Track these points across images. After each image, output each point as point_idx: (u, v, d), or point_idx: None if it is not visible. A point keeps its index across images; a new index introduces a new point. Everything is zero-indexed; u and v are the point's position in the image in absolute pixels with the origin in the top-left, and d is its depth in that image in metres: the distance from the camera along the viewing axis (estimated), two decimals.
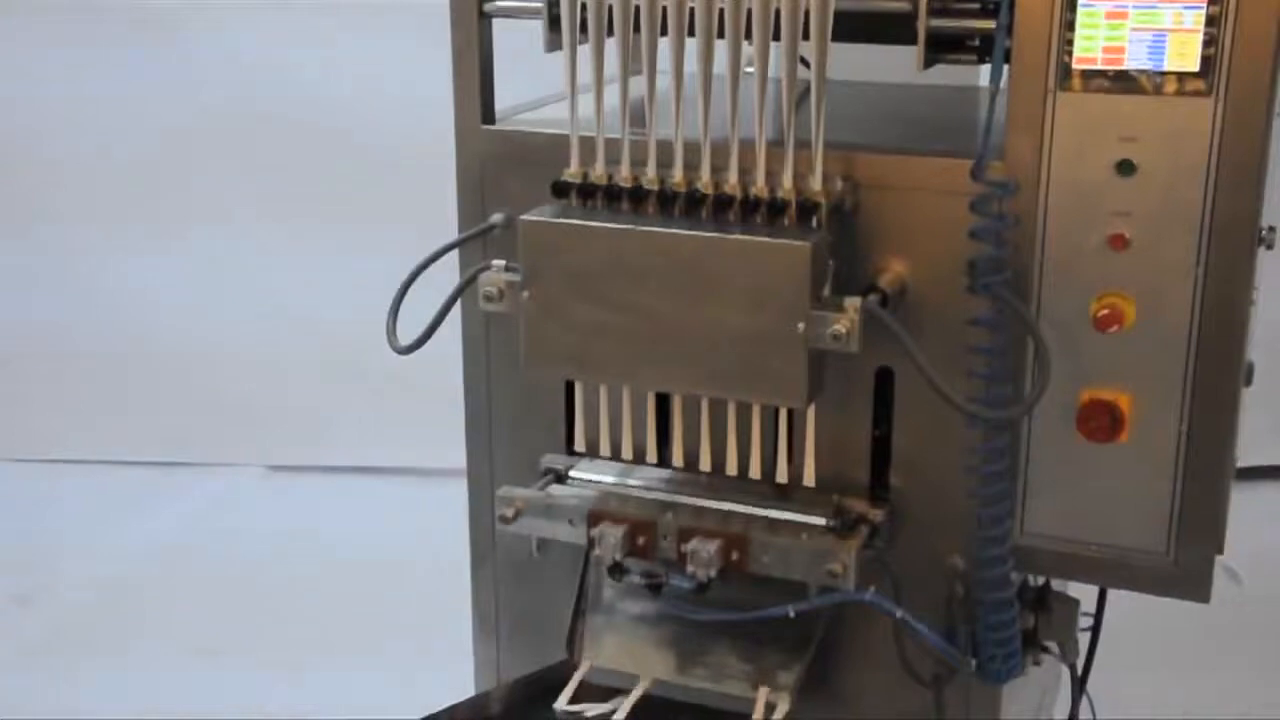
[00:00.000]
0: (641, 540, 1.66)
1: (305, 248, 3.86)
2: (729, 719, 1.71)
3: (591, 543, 1.68)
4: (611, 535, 1.65)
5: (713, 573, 1.61)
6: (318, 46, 3.73)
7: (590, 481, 1.77)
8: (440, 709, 1.69)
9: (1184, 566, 1.58)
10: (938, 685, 1.70)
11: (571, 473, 1.78)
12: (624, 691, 1.74)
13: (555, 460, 1.80)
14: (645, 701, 1.72)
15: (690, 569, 1.62)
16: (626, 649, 1.78)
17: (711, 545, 1.61)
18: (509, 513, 1.72)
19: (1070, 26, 1.48)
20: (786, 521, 1.65)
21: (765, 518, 1.66)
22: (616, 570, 1.68)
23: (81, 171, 3.90)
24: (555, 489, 1.76)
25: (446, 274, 1.78)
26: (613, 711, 1.70)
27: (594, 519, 1.68)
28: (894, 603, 1.60)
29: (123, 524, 3.61)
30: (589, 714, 1.71)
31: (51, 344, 4.03)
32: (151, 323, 4.01)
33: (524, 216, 1.61)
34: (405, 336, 1.72)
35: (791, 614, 1.62)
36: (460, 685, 1.93)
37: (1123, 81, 1.47)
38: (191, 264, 3.95)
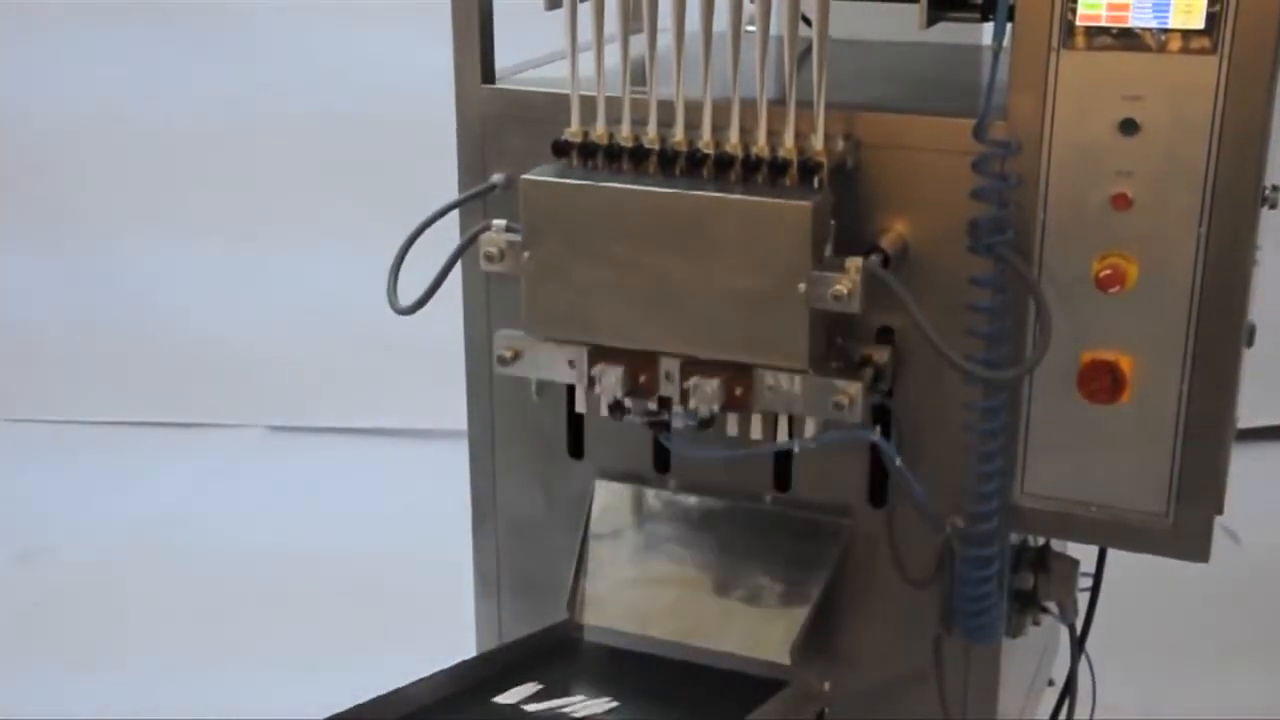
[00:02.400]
0: (643, 378, 1.62)
1: (306, 210, 3.85)
2: (729, 679, 1.72)
3: (591, 381, 1.64)
4: (612, 373, 1.61)
5: (715, 408, 1.57)
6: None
7: None
8: (436, 670, 1.70)
9: (1183, 527, 1.58)
10: (937, 647, 1.71)
11: None
12: (625, 652, 1.74)
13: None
14: (645, 661, 1.73)
15: (693, 404, 1.58)
16: (627, 609, 1.78)
17: (714, 380, 1.57)
18: (507, 354, 1.68)
19: None
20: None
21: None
22: (616, 409, 1.63)
23: (101, 162, 3.92)
24: None
25: (449, 235, 1.78)
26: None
27: (594, 358, 1.64)
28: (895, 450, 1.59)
29: (125, 484, 3.62)
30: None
31: (53, 305, 4.03)
32: (153, 284, 4.00)
33: (525, 176, 1.60)
34: (406, 297, 1.71)
35: (796, 449, 1.60)
36: (461, 645, 1.94)
37: (1127, 39, 1.46)
38: (194, 229, 3.95)
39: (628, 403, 1.63)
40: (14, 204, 3.99)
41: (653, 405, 1.64)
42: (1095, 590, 2.01)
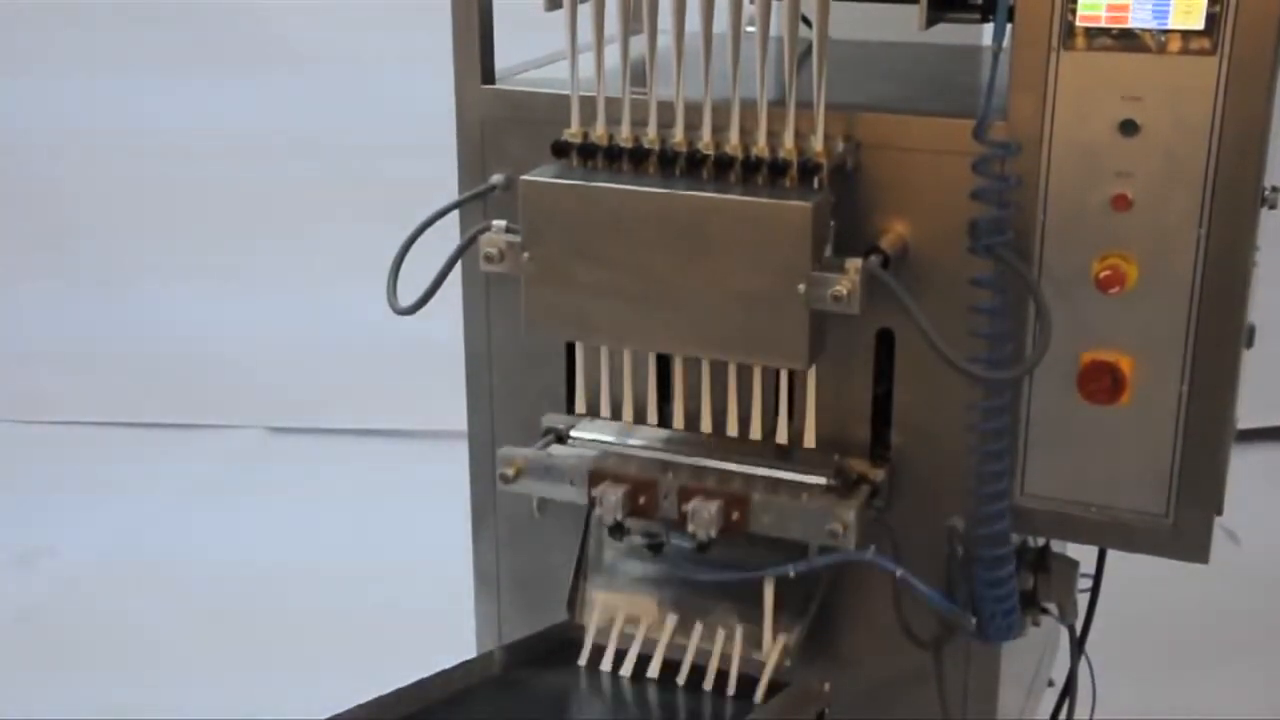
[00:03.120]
0: (642, 500, 1.66)
1: (306, 211, 3.86)
2: (729, 680, 1.71)
3: (592, 503, 1.68)
4: (612, 495, 1.65)
5: (713, 532, 1.62)
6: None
7: (591, 441, 1.77)
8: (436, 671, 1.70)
9: (1183, 528, 1.58)
10: (937, 647, 1.71)
11: (572, 433, 1.78)
12: (625, 653, 1.74)
13: (556, 420, 1.80)
14: (645, 663, 1.73)
15: (691, 529, 1.62)
16: (627, 610, 1.78)
17: (712, 505, 1.61)
18: (510, 472, 1.72)
19: None
20: (787, 481, 1.66)
21: (766, 477, 1.66)
22: (618, 530, 1.69)
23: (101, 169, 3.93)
24: (556, 449, 1.76)
25: (449, 235, 1.78)
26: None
27: (595, 479, 1.68)
28: (894, 561, 1.60)
29: (125, 486, 3.62)
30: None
31: (55, 308, 4.03)
32: (153, 285, 4.00)
33: (525, 177, 1.60)
34: (406, 298, 1.71)
35: (792, 574, 1.62)
36: (461, 646, 1.94)
37: (1126, 40, 1.46)
38: (193, 230, 3.95)
39: (628, 524, 1.69)
40: (14, 205, 3.99)
41: (653, 526, 1.71)
42: (1095, 591, 2.01)
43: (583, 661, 1.74)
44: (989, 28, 1.51)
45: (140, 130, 3.86)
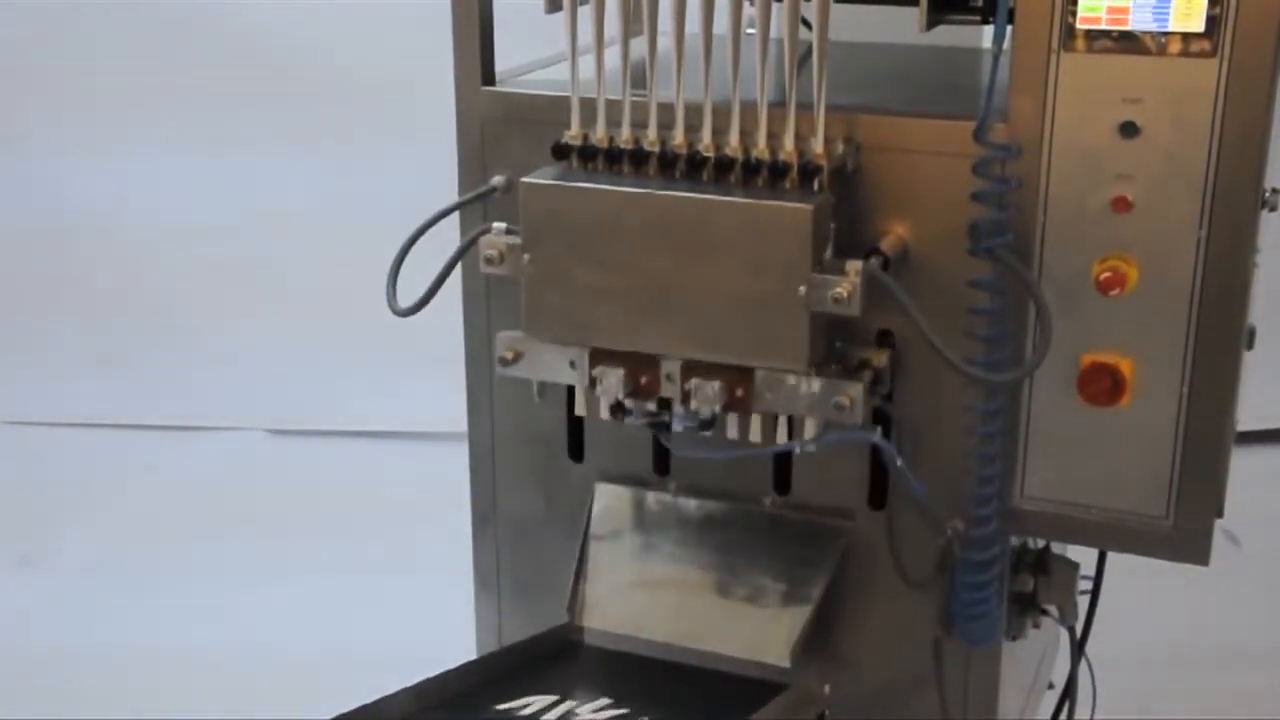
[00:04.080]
0: (644, 379, 1.62)
1: (307, 213, 3.86)
2: (729, 681, 1.72)
3: (593, 382, 1.64)
4: (613, 375, 1.61)
5: (717, 409, 1.58)
6: None
7: None
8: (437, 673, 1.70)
9: (1184, 530, 1.58)
10: (937, 649, 1.71)
11: None
12: (624, 654, 1.74)
13: None
14: (646, 664, 1.73)
15: (694, 405, 1.58)
16: (627, 611, 1.78)
17: (715, 381, 1.58)
18: (509, 355, 1.68)
19: None
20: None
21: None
22: (618, 410, 1.64)
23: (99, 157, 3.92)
24: None
25: (448, 237, 1.78)
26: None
27: (595, 359, 1.64)
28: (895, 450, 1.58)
29: (125, 487, 3.62)
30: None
31: (53, 307, 4.03)
32: (155, 287, 4.01)
33: (525, 179, 1.60)
34: (406, 299, 1.71)
35: (797, 450, 1.60)
36: (461, 647, 1.94)
37: (1127, 42, 1.46)
38: (196, 233, 3.95)
39: (629, 404, 1.63)
40: (16, 206, 3.99)
41: (653, 406, 1.64)
42: (1095, 593, 2.01)
43: (582, 663, 1.74)
44: (989, 30, 1.51)
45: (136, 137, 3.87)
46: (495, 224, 1.66)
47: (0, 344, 4.07)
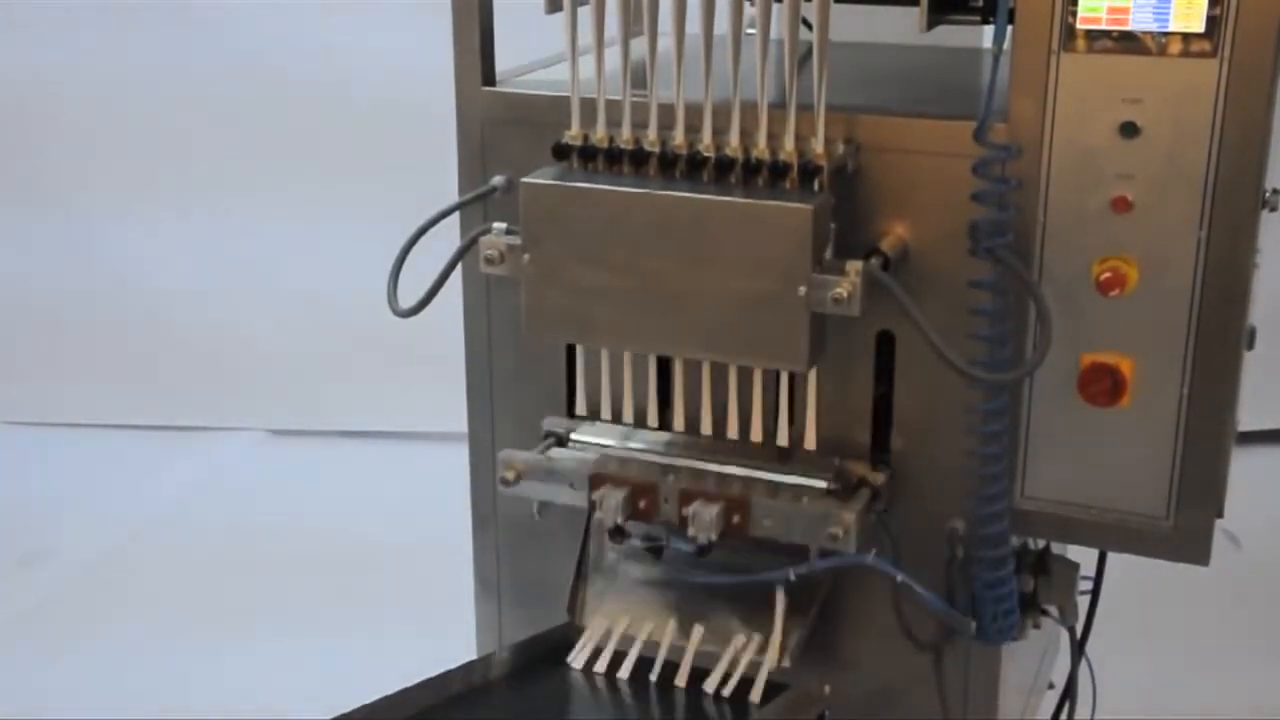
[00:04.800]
0: (643, 503, 1.66)
1: (307, 214, 3.86)
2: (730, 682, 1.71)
3: (593, 506, 1.68)
4: (613, 498, 1.65)
5: (714, 536, 1.62)
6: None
7: (591, 445, 1.77)
8: (438, 673, 1.70)
9: (1184, 530, 1.58)
10: (937, 650, 1.71)
11: (572, 436, 1.78)
12: (625, 655, 1.74)
13: (556, 423, 1.80)
14: (646, 665, 1.73)
15: (692, 532, 1.62)
16: (628, 613, 1.78)
17: (713, 508, 1.61)
18: (510, 476, 1.72)
19: None
20: (788, 484, 1.66)
21: (766, 481, 1.66)
22: (618, 533, 1.69)
23: (101, 145, 3.91)
24: (556, 452, 1.76)
25: (449, 237, 1.78)
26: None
27: (595, 483, 1.68)
28: (895, 565, 1.60)
29: (126, 487, 3.62)
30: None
31: (54, 309, 4.03)
32: (154, 288, 4.01)
33: (525, 179, 1.60)
34: (407, 300, 1.71)
35: (792, 577, 1.62)
36: (461, 648, 1.94)
37: (1127, 42, 1.46)
38: (195, 232, 3.95)
39: (629, 527, 1.69)
40: (15, 207, 3.99)
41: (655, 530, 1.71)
42: (1095, 593, 2.01)
43: (582, 664, 1.74)
44: (989, 30, 1.51)
45: (152, 128, 3.87)
46: (495, 224, 1.66)
47: (0, 344, 4.07)
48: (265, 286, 3.95)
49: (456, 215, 1.80)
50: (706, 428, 1.69)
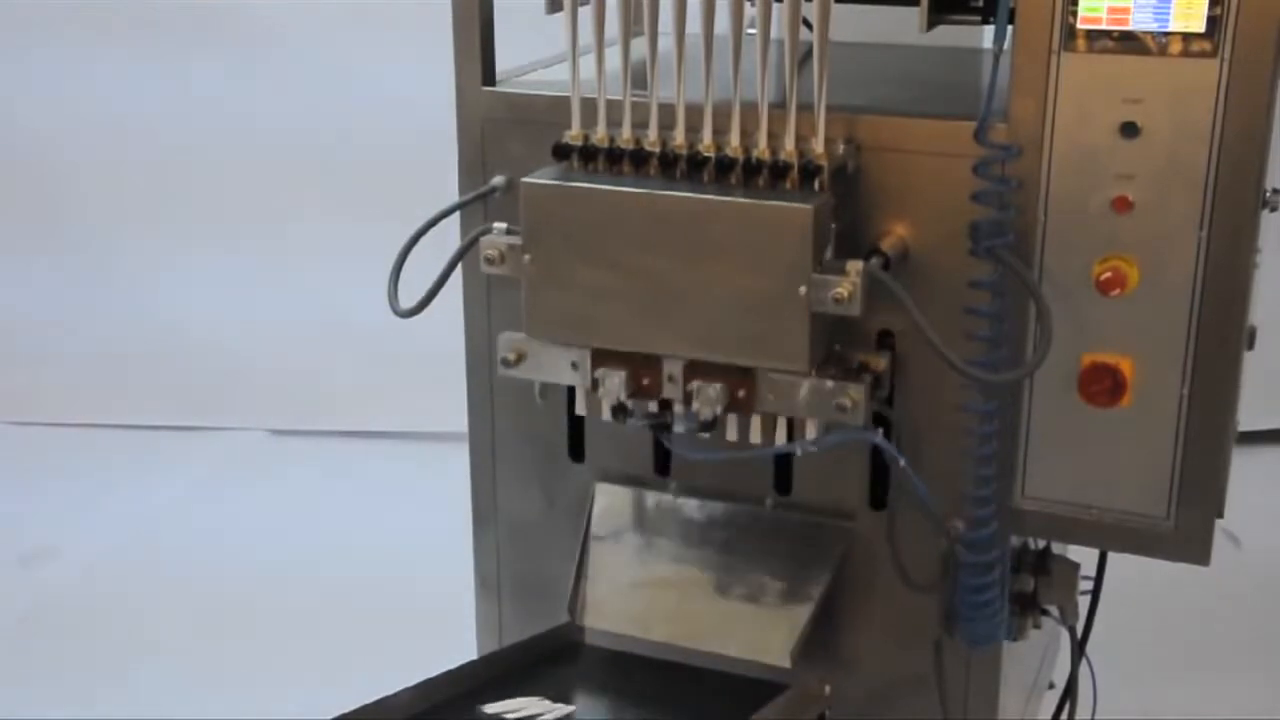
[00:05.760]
0: (645, 380, 1.62)
1: (307, 214, 3.86)
2: (730, 682, 1.72)
3: (595, 384, 1.63)
4: (615, 376, 1.62)
5: (718, 410, 1.58)
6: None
7: None
8: (439, 673, 1.70)
9: (1184, 530, 1.58)
10: (938, 650, 1.71)
11: None
12: (625, 654, 1.74)
13: None
14: (645, 664, 1.73)
15: (695, 406, 1.58)
16: (627, 612, 1.78)
17: (717, 383, 1.58)
18: (511, 356, 1.68)
19: None
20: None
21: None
22: (619, 411, 1.63)
23: (104, 168, 3.92)
24: None
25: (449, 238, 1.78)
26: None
27: (597, 360, 1.63)
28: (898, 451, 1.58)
29: (126, 487, 3.62)
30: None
31: (56, 309, 4.03)
32: (154, 288, 4.01)
33: (525, 179, 1.60)
34: (407, 300, 1.71)
35: (799, 452, 1.60)
36: (462, 648, 1.94)
37: (1127, 42, 1.46)
38: (196, 233, 3.95)
39: (630, 405, 1.63)
40: (15, 208, 3.99)
41: (655, 408, 1.64)
42: (1096, 593, 2.01)
43: (583, 663, 1.74)
44: (989, 30, 1.51)
45: (141, 128, 3.86)
46: (496, 224, 1.66)
47: (0, 344, 4.07)
48: (265, 286, 3.94)
49: (456, 215, 1.80)
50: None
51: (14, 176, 3.97)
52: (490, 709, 1.61)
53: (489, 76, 1.78)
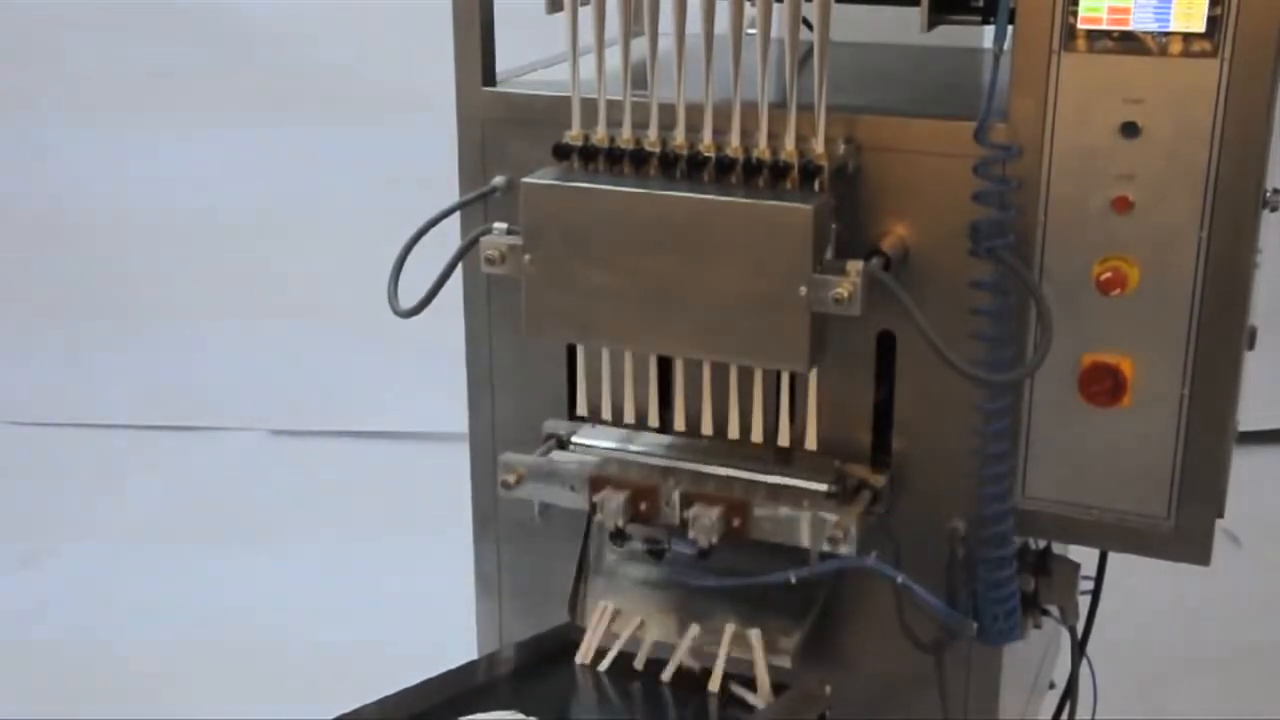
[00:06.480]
0: (644, 506, 1.66)
1: (307, 215, 3.86)
2: (730, 682, 1.71)
3: (594, 509, 1.68)
4: (614, 501, 1.65)
5: (714, 539, 1.61)
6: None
7: (592, 447, 1.77)
8: (442, 671, 1.70)
9: (1184, 530, 1.58)
10: (938, 650, 1.71)
11: (573, 439, 1.78)
12: (624, 654, 1.74)
13: (557, 426, 1.80)
14: (648, 665, 1.73)
15: (692, 535, 1.62)
16: (629, 612, 1.78)
17: (713, 512, 1.61)
18: (511, 479, 1.72)
19: None
20: (788, 488, 1.65)
21: (767, 484, 1.66)
22: (618, 536, 1.69)
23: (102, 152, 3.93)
24: (557, 455, 1.76)
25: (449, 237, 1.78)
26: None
27: (596, 485, 1.68)
28: (895, 567, 1.60)
29: (126, 487, 3.62)
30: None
31: (56, 308, 4.03)
32: (156, 288, 4.01)
33: (526, 179, 1.60)
34: (407, 300, 1.71)
35: (793, 580, 1.62)
36: (462, 648, 1.94)
37: (1128, 42, 1.46)
38: (196, 234, 3.95)
39: (629, 530, 1.68)
40: (18, 208, 3.99)
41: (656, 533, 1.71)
42: (1096, 593, 2.01)
43: (583, 663, 1.74)
44: (990, 30, 1.51)
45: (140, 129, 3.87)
46: (496, 224, 1.66)
47: (0, 344, 4.07)
48: (266, 286, 3.95)
49: (457, 215, 1.80)
50: (707, 428, 1.70)
51: (16, 178, 3.97)
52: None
53: (489, 77, 1.78)
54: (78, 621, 2.99)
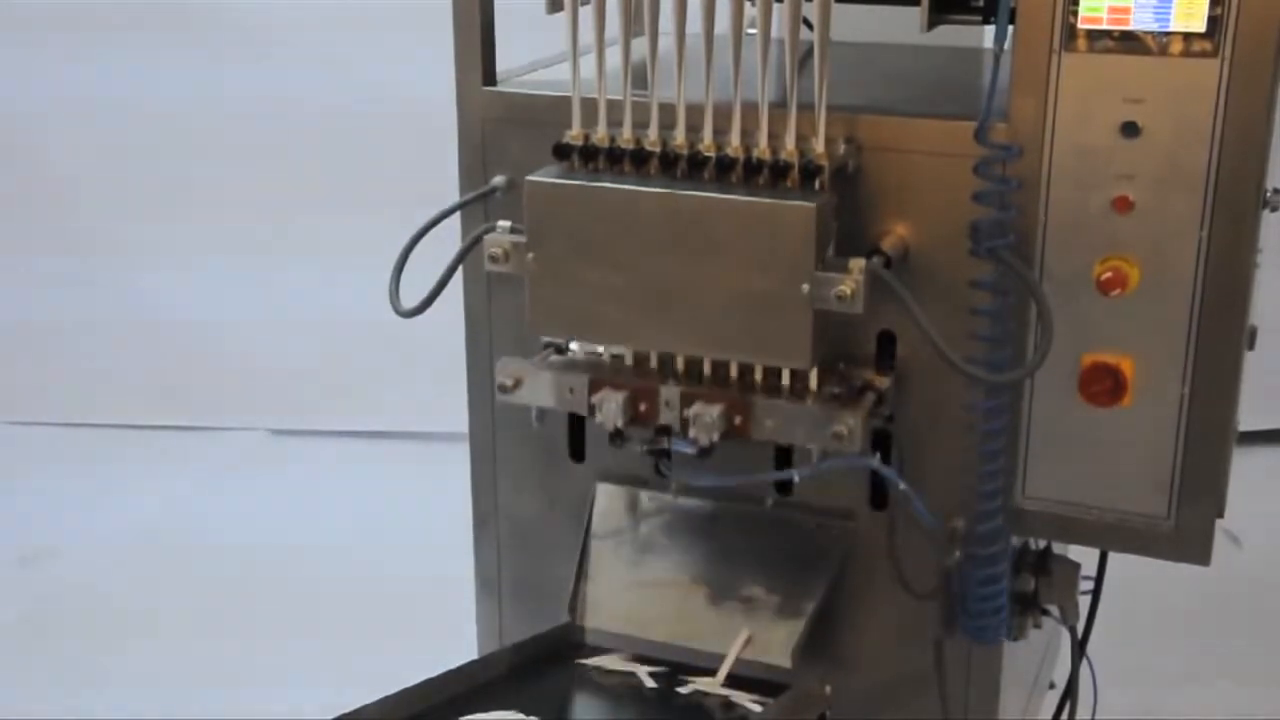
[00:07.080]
0: (643, 406, 1.62)
1: (307, 215, 3.86)
2: (730, 682, 1.71)
3: (592, 410, 1.64)
4: (612, 401, 1.62)
5: (716, 437, 1.58)
6: None
7: (590, 351, 1.73)
8: (443, 671, 1.70)
9: (1185, 530, 1.58)
10: (938, 648, 1.71)
11: (572, 344, 1.74)
12: (626, 655, 1.74)
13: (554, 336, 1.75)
14: (648, 665, 1.73)
15: (693, 433, 1.58)
16: (627, 612, 1.78)
17: (714, 409, 1.57)
18: (509, 383, 1.69)
19: None
20: (791, 386, 1.62)
21: (769, 384, 1.62)
22: (617, 437, 1.64)
23: (105, 168, 3.93)
24: (555, 358, 1.73)
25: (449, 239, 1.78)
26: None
27: (595, 386, 1.64)
28: (898, 475, 1.58)
29: (127, 487, 3.62)
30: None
31: (57, 310, 4.03)
32: (155, 288, 4.01)
33: (530, 177, 1.60)
34: (408, 300, 1.71)
35: (796, 479, 1.60)
36: (463, 648, 1.94)
37: (1128, 42, 1.46)
38: (196, 234, 3.95)
39: (628, 430, 1.64)
40: (20, 208, 3.99)
41: (652, 433, 1.65)
42: (1096, 593, 2.01)
43: (583, 664, 1.74)
44: (990, 29, 1.51)
45: (143, 127, 3.87)
46: (500, 222, 1.66)
47: (0, 344, 4.07)
48: (266, 286, 3.95)
49: (457, 216, 1.80)
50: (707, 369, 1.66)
51: (14, 175, 3.97)
52: None
53: (489, 76, 1.78)
54: (77, 622, 2.99)
